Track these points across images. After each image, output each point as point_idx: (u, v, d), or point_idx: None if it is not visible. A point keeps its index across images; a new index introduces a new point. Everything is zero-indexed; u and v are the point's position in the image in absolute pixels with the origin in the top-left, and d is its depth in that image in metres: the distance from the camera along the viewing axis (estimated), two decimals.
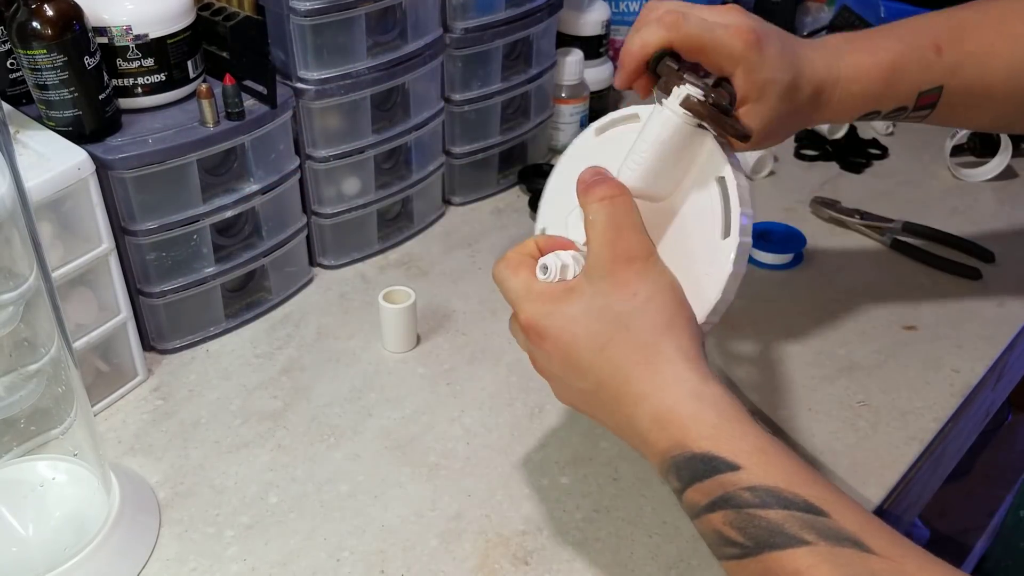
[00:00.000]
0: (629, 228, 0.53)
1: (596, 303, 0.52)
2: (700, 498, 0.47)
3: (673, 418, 0.49)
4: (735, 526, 0.45)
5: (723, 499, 0.46)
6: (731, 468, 0.46)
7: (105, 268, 0.71)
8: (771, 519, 0.44)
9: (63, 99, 0.69)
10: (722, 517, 0.46)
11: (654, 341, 0.51)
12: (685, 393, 0.49)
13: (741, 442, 0.47)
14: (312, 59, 0.80)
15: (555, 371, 0.55)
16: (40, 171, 0.64)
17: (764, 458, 0.46)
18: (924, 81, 0.64)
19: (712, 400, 0.49)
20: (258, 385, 0.77)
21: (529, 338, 0.54)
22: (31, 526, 0.62)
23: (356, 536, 0.64)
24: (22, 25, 0.66)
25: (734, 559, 0.46)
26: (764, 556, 0.44)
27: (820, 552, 0.43)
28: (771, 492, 0.45)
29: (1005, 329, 0.82)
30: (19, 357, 0.64)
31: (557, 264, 0.55)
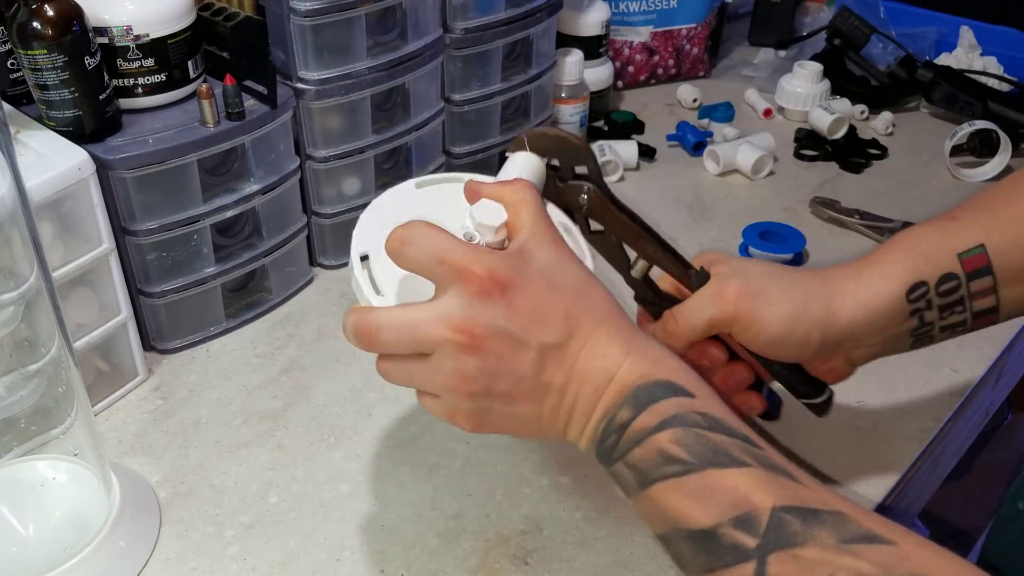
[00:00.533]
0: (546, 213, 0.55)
1: (554, 262, 0.53)
2: (652, 419, 0.49)
3: (644, 354, 0.51)
4: (682, 443, 0.48)
5: (675, 417, 0.49)
6: (688, 394, 0.50)
7: (105, 268, 0.71)
8: (717, 441, 0.48)
9: (63, 99, 0.69)
10: (670, 435, 0.48)
11: (615, 304, 0.54)
12: (651, 343, 0.53)
13: (697, 384, 0.51)
14: (312, 59, 0.80)
15: (511, 328, 0.50)
16: (40, 171, 0.64)
17: (713, 397, 0.51)
18: (958, 243, 0.57)
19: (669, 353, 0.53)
20: (258, 385, 0.77)
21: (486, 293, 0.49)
22: (31, 526, 0.63)
23: (356, 536, 0.64)
24: (22, 25, 0.66)
25: (673, 477, 0.48)
26: (707, 472, 0.47)
27: (758, 474, 0.46)
28: (718, 420, 0.49)
29: (1004, 329, 0.82)
30: (19, 357, 0.64)
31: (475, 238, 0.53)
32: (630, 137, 1.11)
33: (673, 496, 0.48)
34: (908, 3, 1.29)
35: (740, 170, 1.06)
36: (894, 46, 1.21)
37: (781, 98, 1.18)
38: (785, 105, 1.17)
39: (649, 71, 1.25)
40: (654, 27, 1.22)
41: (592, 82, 1.11)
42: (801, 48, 1.30)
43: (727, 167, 1.06)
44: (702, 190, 1.04)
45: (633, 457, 0.49)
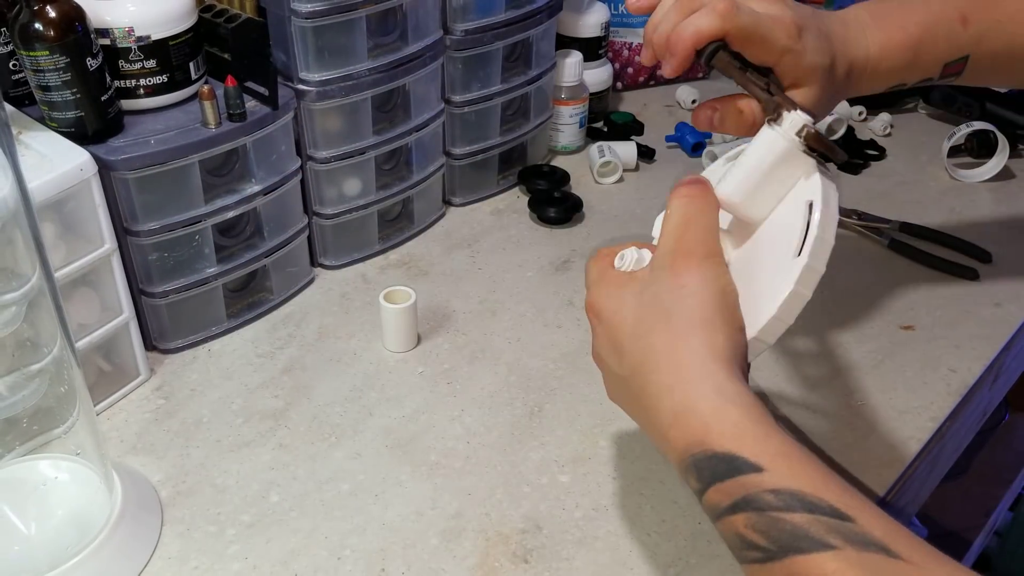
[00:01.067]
0: (699, 225, 0.53)
1: (648, 291, 0.53)
2: (722, 499, 0.45)
3: (694, 414, 0.47)
4: (758, 529, 0.44)
5: (745, 501, 0.44)
6: (754, 469, 0.44)
7: (107, 268, 0.71)
8: (795, 523, 0.43)
9: (65, 100, 0.69)
10: (744, 520, 0.44)
11: (686, 334, 0.50)
12: (709, 389, 0.47)
13: (764, 443, 0.45)
14: (313, 61, 0.80)
15: (603, 355, 0.55)
16: (42, 172, 0.65)
17: (787, 461, 0.45)
18: (950, 52, 0.65)
19: (735, 397, 0.47)
20: (259, 384, 0.77)
21: (588, 318, 0.57)
22: (33, 525, 0.63)
23: (357, 535, 0.64)
24: (24, 27, 0.66)
25: (757, 563, 0.44)
26: (789, 560, 0.42)
27: (847, 557, 0.41)
28: (795, 495, 0.43)
29: (1002, 329, 0.83)
30: (22, 357, 0.64)
31: (634, 256, 0.57)
32: (629, 138, 1.11)
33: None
34: None
35: None
36: None
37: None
38: None
39: (648, 72, 1.26)
40: None
41: (591, 83, 1.12)
42: None
43: None
44: None
45: (720, 529, 0.46)
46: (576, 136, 1.10)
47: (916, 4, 0.66)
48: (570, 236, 0.90)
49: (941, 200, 1.02)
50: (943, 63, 0.66)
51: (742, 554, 0.45)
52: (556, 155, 1.10)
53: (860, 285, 0.88)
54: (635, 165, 1.07)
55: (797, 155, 0.55)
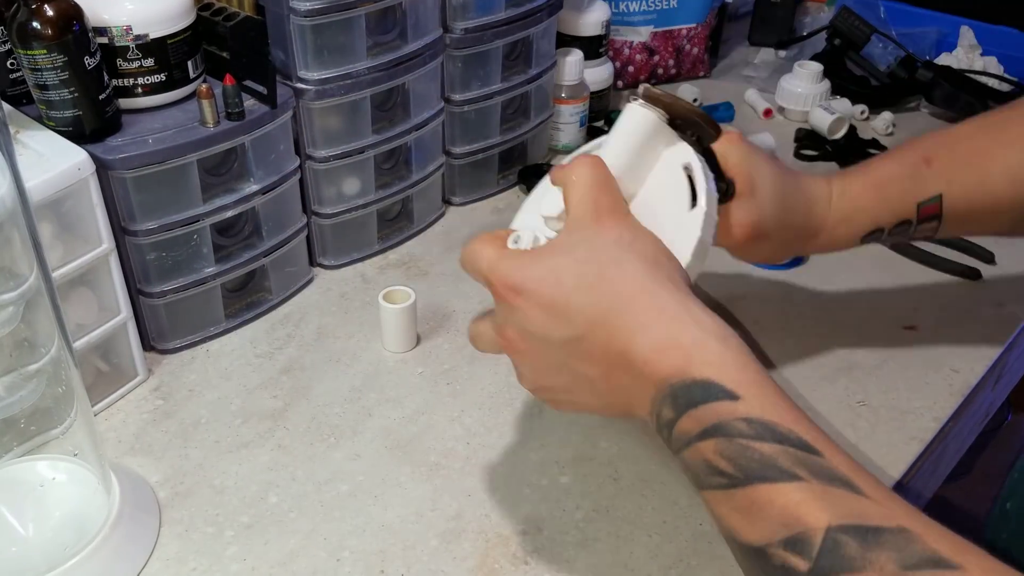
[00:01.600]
0: (608, 187, 0.54)
1: (581, 247, 0.51)
2: (693, 426, 0.46)
3: (676, 344, 0.48)
4: (726, 456, 0.44)
5: (716, 427, 0.45)
6: (729, 397, 0.45)
7: (105, 268, 0.71)
8: (764, 452, 0.43)
9: (63, 99, 0.69)
10: (714, 445, 0.45)
11: (649, 273, 0.50)
12: (688, 321, 0.48)
13: (742, 372, 0.46)
14: (312, 59, 0.80)
15: (533, 330, 0.51)
16: (40, 171, 0.64)
17: (762, 392, 0.46)
18: (919, 192, 0.66)
19: (713, 329, 0.48)
20: (258, 385, 0.77)
21: (505, 299, 0.52)
22: (31, 526, 0.62)
23: (356, 536, 0.64)
24: (22, 25, 0.66)
25: (720, 488, 0.45)
26: (753, 488, 0.43)
27: (812, 488, 0.42)
28: (767, 425, 0.44)
29: (1005, 329, 0.82)
30: (19, 357, 0.64)
31: (530, 235, 0.55)
32: None
33: (723, 507, 0.45)
34: (908, 3, 1.29)
35: None
36: (894, 46, 1.21)
37: (781, 98, 1.18)
38: (785, 105, 1.17)
39: (649, 71, 1.25)
40: (654, 27, 1.22)
41: (592, 82, 1.11)
42: (801, 48, 1.30)
43: None
44: None
45: (684, 458, 0.47)
46: (577, 135, 1.09)
47: (882, 156, 0.70)
48: None
49: None
50: (916, 202, 0.66)
51: (706, 480, 0.46)
52: (557, 154, 1.10)
53: (862, 285, 0.88)
54: None
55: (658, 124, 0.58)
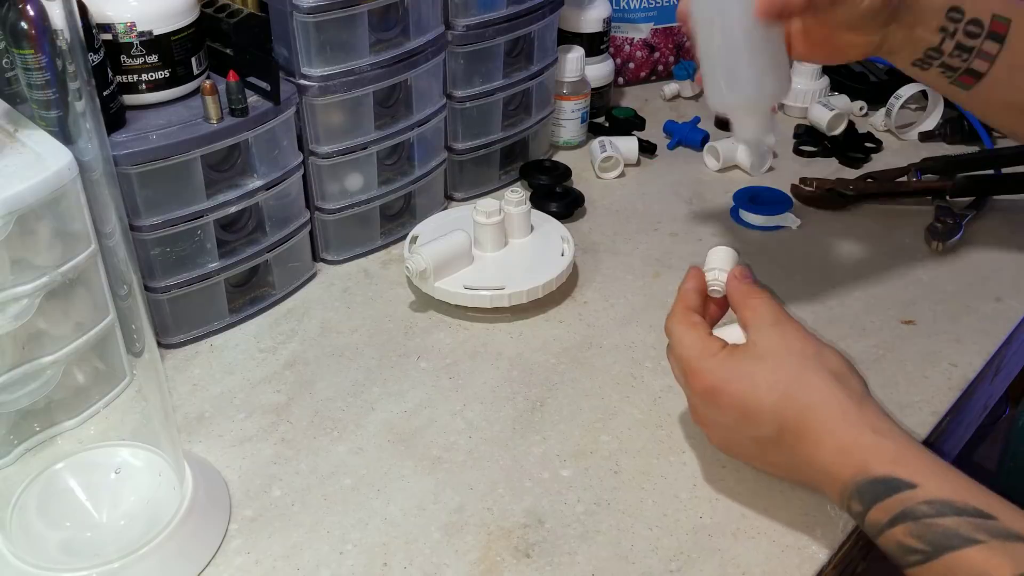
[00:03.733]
0: (785, 316, 0.63)
1: (770, 358, 0.59)
2: (882, 516, 0.54)
3: (857, 448, 0.56)
4: (915, 535, 0.52)
5: (903, 514, 0.52)
6: (909, 486, 0.53)
7: (94, 268, 0.70)
8: (947, 525, 0.51)
9: (49, 99, 0.68)
10: (903, 529, 0.52)
11: (833, 385, 0.58)
12: (866, 427, 0.56)
13: (916, 464, 0.54)
14: (315, 56, 0.80)
15: (725, 422, 0.61)
16: (40, 169, 0.64)
17: (936, 476, 0.53)
18: (995, 6, 0.69)
19: (888, 432, 0.56)
20: (262, 379, 0.77)
21: (704, 398, 0.61)
22: (105, 512, 0.63)
23: (359, 529, 0.64)
24: (15, 25, 0.66)
25: (918, 564, 0.52)
26: (944, 557, 0.50)
27: (992, 548, 0.49)
28: (945, 503, 0.52)
29: (1003, 323, 0.83)
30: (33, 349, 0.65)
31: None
32: (631, 133, 1.11)
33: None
34: None
35: (740, 166, 1.07)
36: None
37: None
38: (784, 101, 1.18)
39: (650, 68, 1.26)
40: (655, 24, 1.22)
41: (593, 79, 1.12)
42: None
43: (727, 163, 1.07)
44: (702, 185, 1.05)
45: (880, 543, 0.55)
46: (578, 131, 1.10)
47: None
48: (572, 231, 0.90)
49: None
50: (991, 11, 0.68)
51: (904, 560, 0.53)
52: (558, 150, 1.10)
53: (860, 279, 0.88)
54: (636, 160, 1.07)
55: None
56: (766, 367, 0.59)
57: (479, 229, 0.86)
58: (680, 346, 0.63)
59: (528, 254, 0.87)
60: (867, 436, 0.56)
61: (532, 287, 0.82)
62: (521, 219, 0.87)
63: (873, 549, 0.58)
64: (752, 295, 0.64)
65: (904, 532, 0.52)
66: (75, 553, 0.60)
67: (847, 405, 0.57)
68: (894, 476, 0.54)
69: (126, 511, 0.63)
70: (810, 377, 0.58)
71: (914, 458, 0.55)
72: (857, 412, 0.57)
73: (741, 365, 0.60)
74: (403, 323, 0.84)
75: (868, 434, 0.56)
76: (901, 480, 0.53)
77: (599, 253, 0.93)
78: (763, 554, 0.62)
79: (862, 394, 0.59)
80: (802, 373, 0.58)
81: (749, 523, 0.64)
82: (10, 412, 0.67)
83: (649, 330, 0.82)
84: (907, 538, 0.52)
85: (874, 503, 0.54)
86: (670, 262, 0.91)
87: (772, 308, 0.62)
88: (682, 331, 0.63)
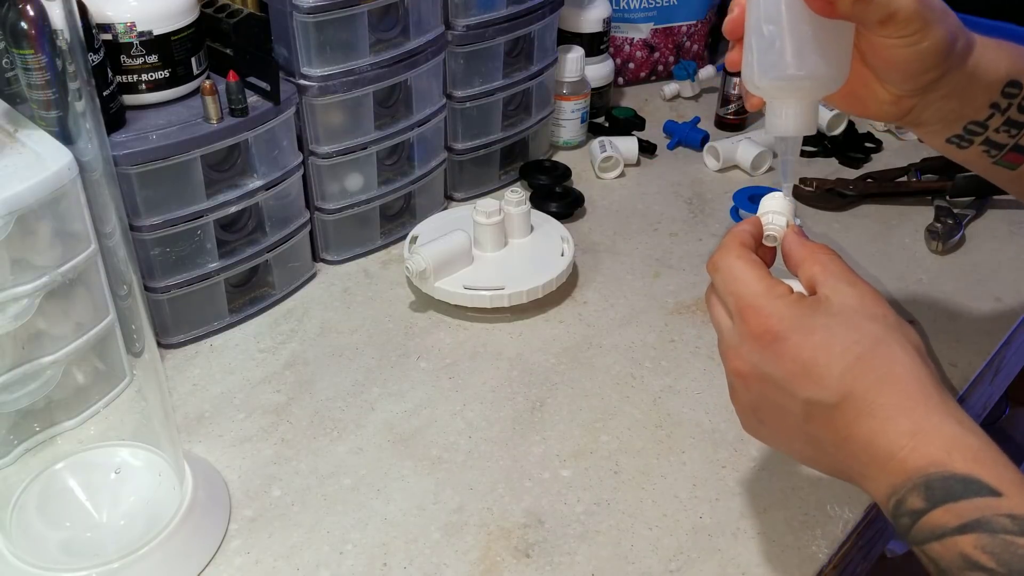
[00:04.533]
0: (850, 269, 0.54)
1: (848, 315, 0.50)
2: (951, 519, 0.45)
3: (938, 435, 0.47)
4: (988, 550, 0.44)
5: (978, 522, 0.44)
6: (992, 493, 0.45)
7: (94, 269, 0.71)
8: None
9: (49, 99, 0.68)
10: (974, 540, 0.44)
11: (917, 359, 0.49)
12: (949, 415, 0.48)
13: (1003, 470, 0.46)
14: (315, 56, 0.80)
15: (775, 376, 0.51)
16: (39, 170, 0.64)
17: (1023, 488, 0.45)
18: None
19: (972, 428, 0.47)
20: (262, 379, 0.77)
21: (760, 343, 0.51)
22: (105, 512, 0.63)
23: (359, 529, 0.64)
24: (14, 25, 0.66)
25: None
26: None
27: None
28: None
29: (1002, 323, 0.83)
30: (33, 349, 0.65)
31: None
32: (631, 133, 1.11)
33: None
34: None
35: (740, 166, 1.07)
36: None
37: None
38: None
39: (650, 68, 1.26)
40: (654, 24, 1.22)
41: (593, 79, 1.12)
42: None
43: (727, 163, 1.07)
44: (702, 185, 1.05)
45: (931, 551, 0.46)
46: (578, 131, 1.10)
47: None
48: (571, 231, 0.90)
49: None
50: None
51: (960, 573, 0.45)
52: (558, 150, 1.10)
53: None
54: (636, 160, 1.07)
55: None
56: (844, 326, 0.50)
57: (479, 229, 0.86)
58: (736, 281, 0.53)
59: (528, 254, 0.87)
60: (950, 425, 0.47)
61: (532, 287, 0.82)
62: (521, 219, 0.87)
63: (873, 549, 0.57)
64: (820, 250, 0.54)
65: (974, 543, 0.44)
66: (75, 553, 0.60)
67: (930, 387, 0.48)
68: (977, 477, 0.45)
69: (126, 511, 0.64)
70: (893, 348, 0.49)
71: (1000, 463, 0.46)
72: (940, 397, 0.48)
73: (815, 316, 0.50)
74: (403, 323, 0.84)
75: (952, 423, 0.47)
76: (984, 484, 0.45)
77: (599, 253, 0.93)
78: (763, 554, 0.62)
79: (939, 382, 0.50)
80: (884, 341, 0.50)
81: (749, 523, 0.64)
82: (10, 412, 0.67)
83: (649, 330, 0.82)
84: (976, 551, 0.44)
85: (945, 502, 0.45)
86: (670, 262, 0.91)
87: (845, 267, 0.53)
88: (741, 266, 0.53)
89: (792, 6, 0.51)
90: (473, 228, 0.86)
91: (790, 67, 0.52)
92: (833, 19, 0.51)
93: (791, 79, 0.52)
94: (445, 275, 0.83)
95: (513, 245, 0.88)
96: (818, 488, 0.66)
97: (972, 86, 0.57)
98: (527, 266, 0.85)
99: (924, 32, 0.52)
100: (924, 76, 0.55)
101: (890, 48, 0.53)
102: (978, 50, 0.56)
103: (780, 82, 0.53)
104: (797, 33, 0.51)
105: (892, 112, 0.58)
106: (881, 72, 0.56)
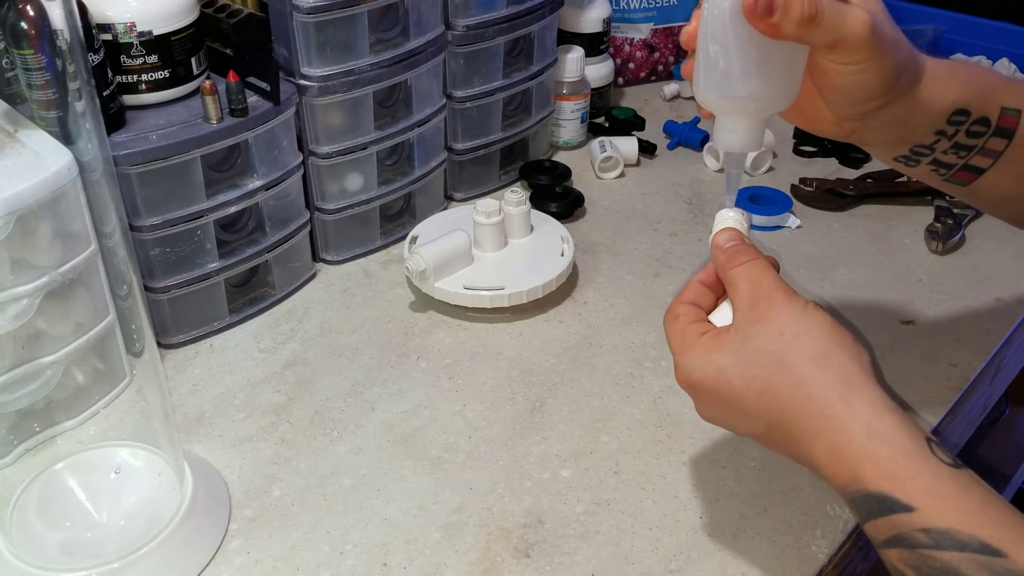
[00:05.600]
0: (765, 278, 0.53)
1: (746, 348, 0.52)
2: (877, 534, 0.47)
3: (846, 455, 0.48)
4: (911, 565, 0.45)
5: (897, 538, 0.46)
6: (904, 509, 0.46)
7: (94, 269, 0.71)
8: (946, 560, 0.44)
9: (50, 99, 0.68)
10: (897, 555, 0.46)
11: (812, 375, 0.50)
12: (858, 427, 0.48)
13: (915, 481, 0.46)
14: (315, 56, 0.80)
15: (721, 418, 0.55)
16: (40, 170, 0.64)
17: (938, 499, 0.46)
18: (1003, 97, 0.58)
19: (884, 434, 0.48)
20: (262, 379, 0.77)
21: (689, 393, 0.55)
22: (105, 512, 0.64)
23: (359, 529, 0.64)
24: (15, 25, 0.66)
25: None
26: None
27: None
28: (945, 534, 0.44)
29: (1002, 323, 0.83)
30: (33, 350, 0.65)
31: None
32: (630, 133, 1.11)
33: None
34: (911, 1, 1.29)
35: None
36: None
37: None
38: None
39: (650, 68, 1.26)
40: (654, 24, 1.22)
41: (593, 79, 1.12)
42: None
43: None
44: (702, 185, 1.05)
45: (882, 557, 0.48)
46: (578, 131, 1.10)
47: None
48: (571, 231, 0.90)
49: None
50: (999, 105, 0.58)
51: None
52: (557, 150, 1.10)
53: (859, 280, 0.88)
54: (636, 160, 1.07)
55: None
56: (741, 360, 0.51)
57: (479, 229, 0.86)
58: (667, 342, 0.56)
59: (528, 254, 0.87)
60: (858, 440, 0.48)
61: (532, 287, 0.82)
62: (521, 219, 0.87)
63: (873, 549, 0.58)
64: (731, 265, 0.55)
65: (899, 558, 0.46)
66: (75, 553, 0.60)
67: (830, 399, 0.49)
68: (888, 495, 0.46)
69: (126, 511, 0.64)
70: (787, 371, 0.50)
71: (912, 472, 0.46)
72: (844, 407, 0.48)
73: (713, 358, 0.52)
74: (403, 323, 0.84)
75: (860, 437, 0.48)
76: (896, 500, 0.46)
77: (599, 253, 0.93)
78: (763, 554, 0.62)
79: (855, 377, 0.49)
80: (779, 366, 0.50)
81: (749, 523, 0.64)
82: (10, 412, 0.67)
83: (649, 330, 0.82)
84: (902, 565, 0.46)
85: (869, 519, 0.47)
86: (670, 262, 0.91)
87: (751, 282, 0.53)
88: (666, 326, 0.56)
89: (739, 27, 0.51)
90: (473, 228, 0.86)
91: (734, 87, 0.52)
92: (779, 41, 0.50)
93: (734, 99, 0.53)
94: (445, 275, 0.83)
95: (513, 245, 0.88)
96: (818, 488, 0.67)
97: (915, 115, 0.56)
98: (527, 266, 0.85)
99: (870, 62, 0.52)
100: (865, 104, 0.54)
101: (834, 72, 0.53)
102: (926, 80, 0.56)
103: (724, 100, 0.54)
104: (743, 53, 0.51)
105: (834, 131, 0.58)
106: (824, 92, 0.55)
